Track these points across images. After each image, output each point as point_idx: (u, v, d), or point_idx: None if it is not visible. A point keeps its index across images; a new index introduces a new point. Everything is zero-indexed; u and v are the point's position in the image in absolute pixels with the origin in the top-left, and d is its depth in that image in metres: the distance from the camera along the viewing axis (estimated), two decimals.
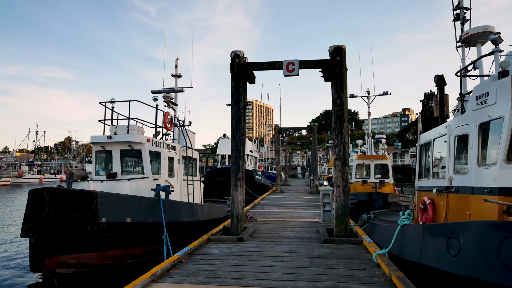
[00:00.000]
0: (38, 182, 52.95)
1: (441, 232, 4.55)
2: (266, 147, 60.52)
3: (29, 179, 53.92)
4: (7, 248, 10.81)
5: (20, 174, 53.25)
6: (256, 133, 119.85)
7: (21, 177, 52.88)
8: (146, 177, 9.36)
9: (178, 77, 13.12)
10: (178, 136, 12.57)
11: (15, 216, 18.14)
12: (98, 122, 10.01)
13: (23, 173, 54.30)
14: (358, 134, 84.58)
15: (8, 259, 9.55)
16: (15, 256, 9.85)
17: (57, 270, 6.71)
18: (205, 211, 11.06)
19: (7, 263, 9.12)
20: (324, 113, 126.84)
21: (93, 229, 6.70)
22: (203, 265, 5.82)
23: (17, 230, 7.23)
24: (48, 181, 55.53)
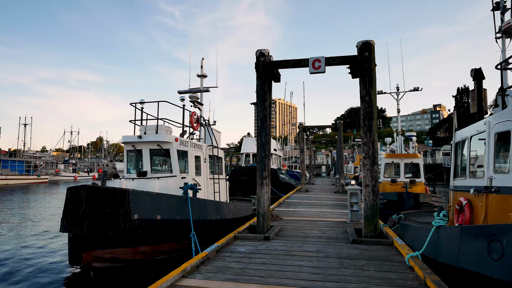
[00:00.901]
0: (73, 180, 55.84)
1: (481, 235, 4.31)
2: (290, 145, 60.17)
3: (65, 177, 56.99)
4: (49, 241, 11.43)
5: (57, 172, 56.39)
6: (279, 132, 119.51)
7: (58, 175, 55.99)
8: (174, 176, 9.57)
9: (203, 77, 13.31)
10: (204, 135, 12.76)
11: (54, 211, 19.16)
12: (128, 122, 10.36)
13: (59, 171, 57.45)
14: (386, 132, 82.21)
15: (50, 251, 10.09)
16: (56, 249, 10.38)
17: (93, 264, 7.02)
18: (231, 209, 11.16)
19: (49, 255, 9.64)
20: (349, 110, 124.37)
21: (126, 226, 6.94)
22: (230, 262, 5.88)
23: (57, 225, 7.62)
24: (82, 179, 58.42)
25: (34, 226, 14.65)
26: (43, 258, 9.37)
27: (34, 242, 11.45)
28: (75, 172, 62.35)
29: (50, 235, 12.58)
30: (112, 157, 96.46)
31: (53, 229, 13.67)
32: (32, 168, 49.73)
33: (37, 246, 10.80)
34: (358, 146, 54.79)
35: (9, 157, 48.16)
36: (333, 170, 51.20)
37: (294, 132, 74.72)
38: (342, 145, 25.50)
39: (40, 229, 13.94)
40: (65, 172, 59.45)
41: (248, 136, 33.70)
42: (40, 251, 10.15)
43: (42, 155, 63.51)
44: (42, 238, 12.03)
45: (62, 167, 60.43)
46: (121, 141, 10.51)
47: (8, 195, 29.48)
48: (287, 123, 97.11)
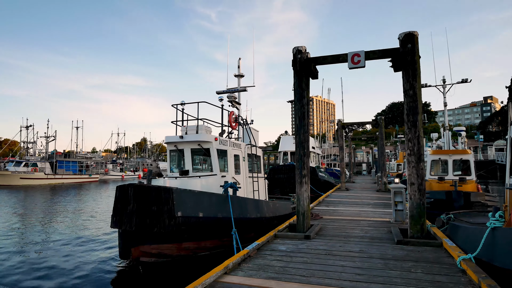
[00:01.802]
0: (120, 179, 59.43)
1: None
2: (328, 143, 58.93)
3: (113, 176, 60.87)
4: (102, 236, 12.28)
5: (106, 171, 60.41)
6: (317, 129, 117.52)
7: (107, 174, 59.97)
8: (214, 174, 9.82)
9: (240, 77, 13.48)
10: (243, 134, 12.92)
11: (105, 208, 20.53)
12: (170, 123, 10.80)
13: (108, 170, 61.53)
14: (431, 127, 77.64)
15: (102, 246, 10.84)
16: (108, 244, 11.12)
17: (141, 259, 7.43)
18: (270, 208, 11.21)
19: (102, 250, 10.36)
20: (391, 105, 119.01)
21: (170, 223, 7.25)
22: (271, 260, 5.91)
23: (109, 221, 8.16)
24: (129, 177, 61.95)
25: (88, 221, 15.80)
26: (96, 252, 10.08)
27: (88, 236, 12.36)
28: (122, 171, 66.28)
29: (103, 230, 13.48)
30: (156, 156, 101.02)
31: (105, 224, 14.64)
32: (84, 168, 53.61)
33: (91, 241, 11.64)
34: (401, 142, 52.30)
35: (64, 158, 52.29)
36: (374, 168, 49.42)
37: (333, 130, 73.09)
38: (383, 141, 24.46)
39: (93, 224, 15.00)
40: (113, 171, 63.48)
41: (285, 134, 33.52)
42: (93, 245, 10.93)
43: (93, 155, 68.18)
44: (96, 233, 12.94)
45: (111, 166, 64.59)
46: (164, 141, 11.00)
47: (64, 193, 32.07)
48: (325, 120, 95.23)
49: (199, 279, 4.71)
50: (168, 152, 10.87)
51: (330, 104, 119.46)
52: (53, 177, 46.99)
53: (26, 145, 53.24)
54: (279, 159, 31.06)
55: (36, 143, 53.92)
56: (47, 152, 51.80)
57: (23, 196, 28.69)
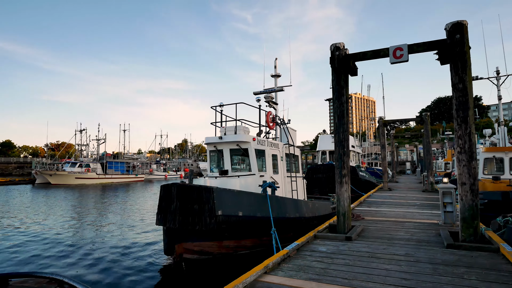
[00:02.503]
0: (164, 178, 62.16)
1: None
2: (369, 141, 56.86)
3: (157, 175, 63.85)
4: (148, 233, 12.93)
5: (150, 171, 63.54)
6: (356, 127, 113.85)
7: (151, 174, 63.08)
8: (253, 174, 9.91)
9: (277, 77, 13.47)
10: (280, 134, 12.90)
11: (151, 205, 21.59)
12: (210, 124, 11.07)
13: (152, 170, 64.67)
14: (483, 122, 71.85)
15: (148, 242, 11.41)
16: (154, 240, 11.68)
17: (184, 255, 7.70)
18: (309, 208, 11.07)
19: (148, 245, 10.91)
20: (436, 101, 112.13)
21: (211, 221, 7.45)
22: (312, 261, 5.84)
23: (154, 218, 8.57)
24: (171, 177, 64.62)
25: (136, 218, 16.71)
26: (143, 247, 10.62)
27: (136, 232, 13.07)
28: (165, 171, 69.30)
29: (149, 227, 14.18)
30: (196, 157, 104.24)
31: (151, 221, 15.39)
32: (131, 168, 56.83)
33: (138, 237, 12.30)
34: (449, 140, 49.09)
35: (113, 159, 55.82)
36: (419, 167, 46.86)
37: (373, 127, 70.41)
38: (429, 139, 23.07)
39: (141, 221, 15.83)
40: (157, 171, 66.57)
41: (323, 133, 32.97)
42: (140, 241, 11.53)
43: (138, 156, 72.04)
44: (143, 230, 13.65)
45: (155, 167, 67.80)
46: (203, 142, 11.28)
47: (114, 192, 34.20)
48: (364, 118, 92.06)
49: (240, 278, 4.78)
50: (208, 152, 11.15)
51: (370, 101, 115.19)
52: (104, 177, 50.38)
53: (80, 147, 57.63)
54: (317, 158, 30.56)
55: (88, 145, 58.20)
56: (98, 154, 55.74)
57: (78, 194, 31.06)
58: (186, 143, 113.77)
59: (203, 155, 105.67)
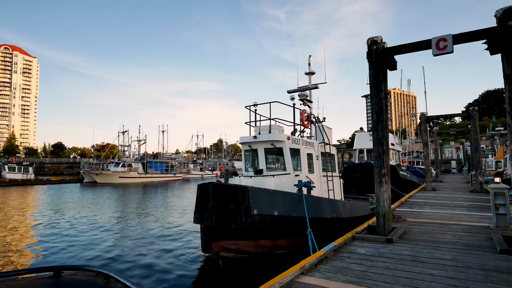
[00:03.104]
0: (200, 177, 63.85)
1: None
2: (409, 139, 54.19)
3: (194, 175, 65.79)
4: (187, 230, 13.33)
5: (188, 171, 65.61)
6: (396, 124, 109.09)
7: (189, 173, 65.13)
8: (288, 173, 9.83)
9: (311, 75, 13.25)
10: (315, 133, 12.68)
11: (189, 203, 22.27)
12: (244, 124, 11.14)
13: (190, 170, 66.68)
14: None
15: (187, 239, 11.75)
16: (192, 237, 12.01)
17: (221, 253, 7.82)
18: (347, 208, 10.77)
19: (186, 243, 11.23)
20: (485, 94, 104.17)
21: (247, 220, 7.49)
22: (350, 263, 5.66)
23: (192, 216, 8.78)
24: (208, 176, 66.20)
25: (174, 216, 17.29)
26: (181, 245, 10.95)
27: (175, 229, 13.51)
28: (201, 170, 71.19)
29: (187, 224, 14.61)
30: (231, 156, 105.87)
31: (189, 219, 15.84)
32: (169, 168, 59.01)
33: (177, 233, 12.70)
34: (500, 136, 45.49)
35: (153, 159, 58.31)
36: (466, 166, 43.86)
37: (414, 124, 67.04)
38: (478, 135, 21.48)
39: (179, 218, 16.35)
40: (194, 170, 68.58)
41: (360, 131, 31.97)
42: (179, 238, 11.90)
43: (176, 156, 74.63)
44: (181, 227, 14.08)
45: (192, 166, 69.90)
46: (238, 142, 11.38)
47: (154, 190, 35.70)
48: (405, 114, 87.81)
49: (276, 278, 4.75)
50: (243, 152, 11.23)
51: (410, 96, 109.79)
52: (145, 176, 52.81)
53: (123, 148, 60.86)
54: (354, 157, 29.72)
55: (130, 146, 61.33)
56: (139, 154, 58.55)
57: (122, 192, 32.80)
58: (221, 143, 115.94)
59: (238, 155, 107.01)
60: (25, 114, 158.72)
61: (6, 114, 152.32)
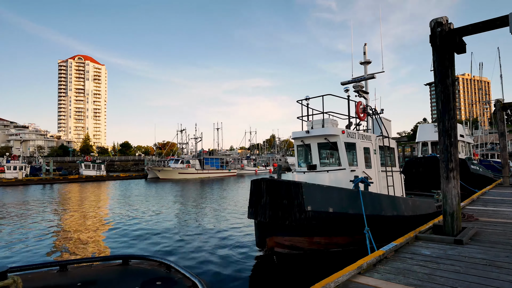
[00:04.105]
0: (254, 173, 64.92)
1: None
2: (482, 129, 48.82)
3: (248, 170, 67.17)
4: (242, 225, 13.65)
5: (242, 166, 67.22)
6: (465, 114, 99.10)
7: (243, 169, 66.71)
8: (343, 169, 9.47)
9: (367, 64, 12.58)
10: (372, 125, 12.03)
11: (244, 198, 22.79)
12: (296, 119, 10.98)
13: (244, 166, 68.20)
14: None
15: (242, 234, 12.02)
16: (247, 232, 12.25)
17: (275, 249, 7.83)
18: (409, 205, 10.06)
19: (241, 237, 11.48)
20: None
21: (301, 216, 7.38)
22: (413, 265, 5.26)
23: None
24: (261, 172, 67.08)
25: (230, 210, 17.81)
26: (236, 239, 11.21)
27: (230, 224, 13.91)
28: (255, 166, 72.36)
29: (242, 219, 14.94)
30: (284, 152, 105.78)
31: (244, 214, 16.19)
32: (224, 164, 61.01)
33: (232, 228, 13.05)
34: None
35: (209, 155, 60.77)
36: None
37: (488, 113, 60.22)
38: None
39: (235, 213, 16.80)
40: (248, 166, 69.99)
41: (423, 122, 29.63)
42: (234, 232, 12.21)
43: (231, 153, 76.95)
44: (236, 221, 14.45)
45: (246, 162, 71.42)
46: (291, 137, 11.26)
47: (210, 185, 37.20)
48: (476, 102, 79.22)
49: (332, 276, 4.60)
50: (295, 147, 11.09)
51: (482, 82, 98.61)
52: (201, 172, 55.31)
53: (181, 145, 64.40)
54: (416, 150, 27.67)
55: (188, 143, 64.64)
56: (196, 151, 61.49)
57: (181, 187, 34.76)
58: (274, 139, 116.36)
59: (291, 150, 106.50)
60: (97, 117, 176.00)
61: (81, 117, 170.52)
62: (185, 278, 3.56)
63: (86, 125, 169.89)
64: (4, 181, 42.30)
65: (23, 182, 43.37)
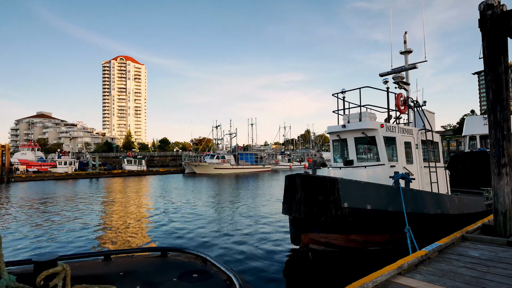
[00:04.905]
0: (288, 168, 64.60)
1: None
2: None
3: (282, 166, 67.01)
4: (277, 220, 13.65)
5: (276, 162, 67.16)
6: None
7: (277, 164, 66.67)
8: (382, 164, 9.08)
9: (408, 53, 11.90)
10: (414, 118, 11.41)
11: (279, 194, 22.78)
12: (331, 113, 10.68)
13: (278, 161, 68.13)
14: None
15: (277, 229, 12.00)
16: (282, 228, 12.22)
17: (310, 246, 7.70)
18: (454, 203, 9.44)
19: (276, 233, 11.47)
20: None
21: (337, 213, 7.19)
22: (459, 267, 4.92)
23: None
24: (296, 167, 66.58)
25: (265, 205, 17.86)
26: (270, 235, 11.21)
27: (265, 219, 13.94)
28: (289, 161, 71.93)
29: (277, 215, 14.92)
30: (319, 147, 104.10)
31: (279, 209, 16.17)
32: (258, 159, 61.31)
33: (267, 224, 13.07)
34: None
35: (243, 151, 61.39)
36: None
37: None
38: None
39: (270, 208, 16.83)
40: (282, 162, 69.81)
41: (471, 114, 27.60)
42: (268, 229, 12.22)
43: (265, 148, 77.17)
44: (271, 217, 14.46)
45: (280, 157, 71.29)
46: (326, 132, 10.99)
47: (245, 180, 37.58)
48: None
49: (370, 276, 4.42)
50: (331, 142, 10.81)
51: None
52: (236, 167, 56.06)
53: (217, 141, 65.67)
54: (463, 145, 25.89)
55: (223, 139, 65.78)
56: (231, 146, 62.45)
57: (217, 182, 35.48)
58: (309, 134, 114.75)
59: (326, 145, 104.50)
60: (138, 115, 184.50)
61: (124, 115, 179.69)
62: (220, 272, 3.61)
63: (128, 123, 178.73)
64: (56, 175, 45.84)
65: (72, 176, 46.71)
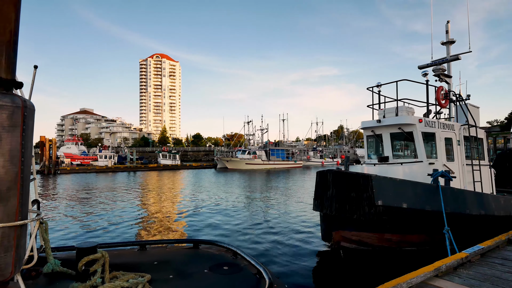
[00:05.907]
0: (320, 165, 63.73)
1: None
2: None
3: (314, 162, 66.27)
4: (307, 217, 13.53)
5: (308, 158, 66.51)
6: None
7: (309, 160, 66.01)
8: (420, 161, 8.65)
9: (450, 44, 11.19)
10: (456, 113, 10.75)
11: (310, 190, 22.57)
12: (366, 107, 10.34)
13: (310, 157, 67.41)
14: None
15: (308, 226, 11.90)
16: (313, 225, 12.09)
17: (342, 243, 7.55)
18: (500, 204, 8.80)
19: (307, 229, 11.37)
20: None
21: (370, 211, 6.97)
22: (504, 272, 4.60)
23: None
24: (328, 164, 65.54)
25: (296, 201, 17.76)
26: (301, 231, 11.12)
27: (296, 215, 13.86)
28: (322, 158, 70.90)
29: (308, 212, 14.78)
30: (353, 143, 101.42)
31: (310, 206, 16.00)
32: (290, 155, 61.02)
33: (297, 220, 12.99)
34: None
35: (275, 146, 61.38)
36: None
37: None
38: None
39: (300, 204, 16.71)
40: (314, 158, 68.97)
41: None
42: (299, 225, 12.13)
43: (296, 144, 76.57)
44: (302, 213, 14.35)
45: (312, 153, 70.44)
46: (360, 127, 10.66)
47: (276, 176, 37.57)
48: None
49: (404, 276, 4.26)
50: (365, 138, 10.48)
51: None
52: (267, 163, 56.20)
53: (248, 137, 66.12)
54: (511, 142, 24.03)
55: (254, 135, 66.11)
56: (262, 142, 62.60)
57: (248, 177, 35.80)
58: (342, 129, 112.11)
59: (360, 141, 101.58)
60: (172, 111, 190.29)
61: (159, 111, 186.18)
62: (250, 265, 3.64)
63: (163, 118, 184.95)
64: (97, 168, 48.62)
65: (112, 169, 49.30)
